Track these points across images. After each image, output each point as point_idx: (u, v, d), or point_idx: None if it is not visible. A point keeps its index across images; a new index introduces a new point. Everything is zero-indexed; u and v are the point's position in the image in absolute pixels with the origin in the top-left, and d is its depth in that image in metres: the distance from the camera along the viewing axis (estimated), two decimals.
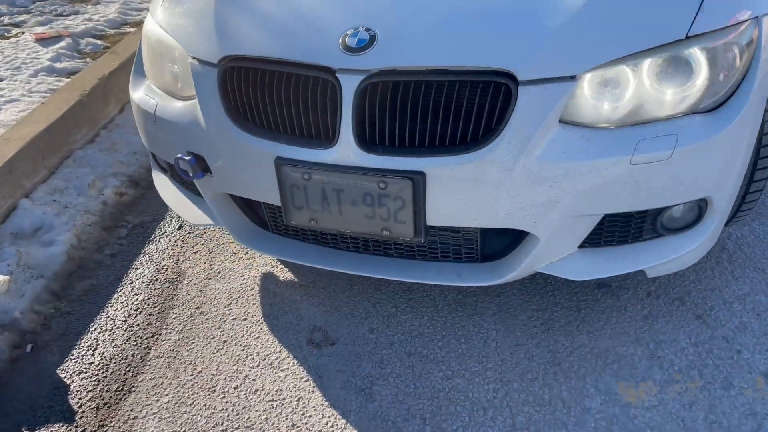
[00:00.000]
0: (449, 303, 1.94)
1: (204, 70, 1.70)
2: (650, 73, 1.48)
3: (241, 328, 1.92)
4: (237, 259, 2.21)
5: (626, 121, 1.49)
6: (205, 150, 1.74)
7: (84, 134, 2.91)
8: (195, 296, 2.05)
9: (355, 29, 1.57)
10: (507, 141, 1.46)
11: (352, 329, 1.88)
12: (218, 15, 1.77)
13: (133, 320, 1.97)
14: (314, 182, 1.60)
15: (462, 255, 1.72)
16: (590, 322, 1.84)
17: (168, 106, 1.83)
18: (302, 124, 1.60)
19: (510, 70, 1.44)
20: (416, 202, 1.54)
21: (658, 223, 1.62)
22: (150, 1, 3.34)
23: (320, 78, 1.56)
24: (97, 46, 3.86)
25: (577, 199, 1.50)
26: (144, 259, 2.25)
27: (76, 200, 2.47)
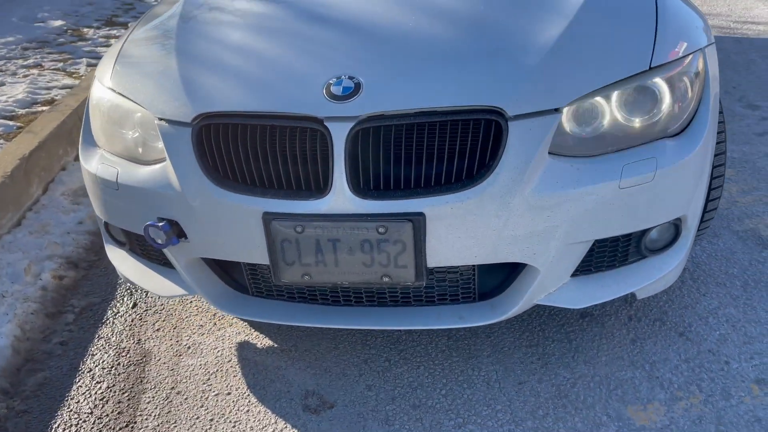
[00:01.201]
0: (442, 349, 1.90)
1: (175, 130, 1.63)
2: (622, 102, 1.57)
3: (226, 403, 1.76)
4: (206, 332, 2.06)
5: (606, 149, 1.56)
6: (180, 214, 1.64)
7: (9, 218, 2.67)
8: (167, 376, 1.88)
9: (338, 78, 1.56)
10: (502, 175, 1.48)
11: (348, 389, 1.78)
12: (183, 73, 1.71)
13: (101, 411, 1.77)
14: (307, 235, 1.54)
15: (459, 296, 1.70)
16: (584, 352, 1.86)
17: (131, 173, 1.72)
18: (290, 176, 1.55)
19: (499, 107, 1.48)
20: (417, 244, 1.51)
21: (642, 245, 1.69)
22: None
23: (307, 128, 1.53)
24: (9, 127, 3.61)
25: (572, 227, 1.54)
26: (100, 343, 2.04)
27: (11, 288, 2.23)
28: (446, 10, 1.79)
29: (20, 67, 4.98)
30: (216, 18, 1.96)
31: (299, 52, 1.69)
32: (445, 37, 1.66)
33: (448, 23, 1.72)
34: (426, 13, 1.78)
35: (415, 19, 1.75)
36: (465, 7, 1.80)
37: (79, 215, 2.78)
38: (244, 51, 1.75)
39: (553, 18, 1.71)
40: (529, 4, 1.79)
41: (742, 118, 3.38)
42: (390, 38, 1.68)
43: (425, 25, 1.72)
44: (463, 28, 1.70)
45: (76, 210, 2.85)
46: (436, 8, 1.81)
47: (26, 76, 4.67)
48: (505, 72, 1.54)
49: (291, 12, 1.91)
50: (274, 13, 1.93)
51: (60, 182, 3.08)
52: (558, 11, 1.73)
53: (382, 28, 1.73)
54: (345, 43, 1.69)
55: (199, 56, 1.77)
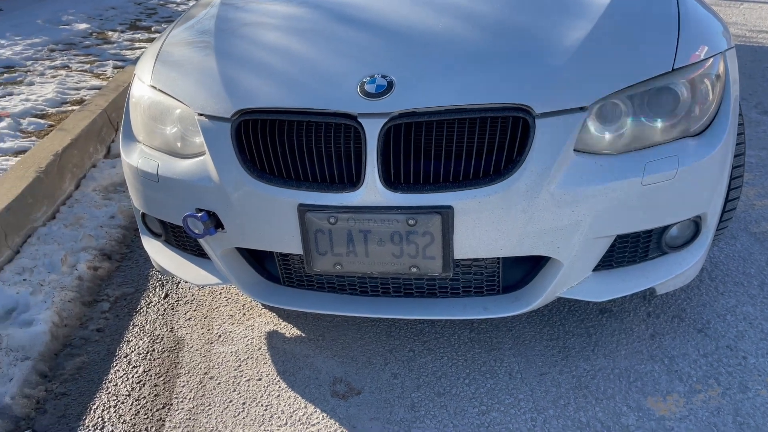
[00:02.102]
0: (465, 341, 1.96)
1: (215, 125, 1.70)
2: (645, 102, 1.63)
3: (257, 388, 1.83)
4: (236, 321, 2.13)
5: (630, 147, 1.62)
6: (218, 205, 1.71)
7: (44, 211, 2.77)
8: (200, 362, 1.95)
9: (371, 76, 1.63)
10: (529, 171, 1.54)
11: (374, 377, 1.85)
12: (223, 71, 1.79)
13: (138, 393, 1.84)
14: (340, 226, 1.61)
15: (483, 288, 1.76)
16: (603, 345, 1.91)
17: (171, 166, 1.80)
18: (324, 170, 1.62)
19: (527, 105, 1.54)
20: (445, 236, 1.58)
21: (662, 242, 1.74)
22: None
23: (342, 124, 1.60)
24: (40, 125, 3.72)
25: (595, 222, 1.59)
26: (134, 330, 2.12)
27: (48, 277, 2.32)
28: (475, 12, 1.86)
29: (48, 67, 5.10)
30: (252, 19, 2.05)
31: (333, 51, 1.76)
32: (474, 38, 1.73)
33: (476, 25, 1.79)
34: (455, 15, 1.85)
35: (445, 21, 1.82)
36: (493, 10, 1.87)
37: (110, 210, 2.87)
38: (280, 50, 1.83)
39: (578, 20, 1.77)
40: (555, 7, 1.85)
41: (758, 124, 3.41)
42: (421, 38, 1.75)
43: (455, 27, 1.79)
44: (492, 29, 1.77)
45: (107, 205, 2.94)
46: (465, 10, 1.88)
47: (54, 77, 4.79)
48: (532, 71, 1.61)
49: (324, 13, 1.99)
50: (307, 15, 2.01)
51: (91, 178, 3.18)
52: (583, 14, 1.80)
53: (413, 29, 1.80)
54: (378, 43, 1.76)
55: (237, 55, 1.85)
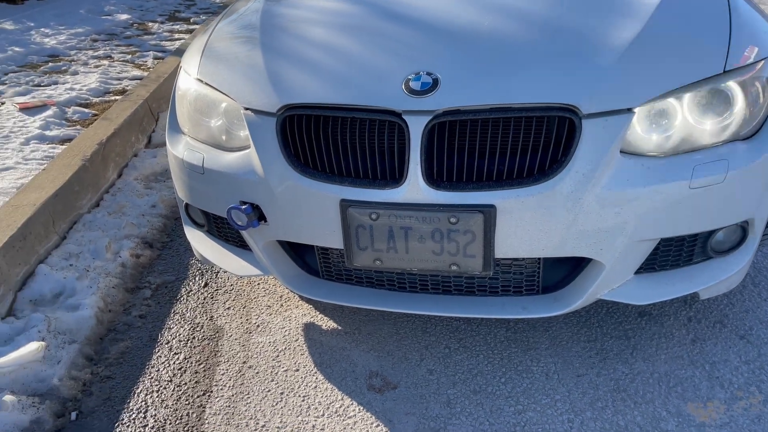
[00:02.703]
0: (501, 340, 1.96)
1: (260, 120, 1.73)
2: (694, 104, 1.61)
3: (295, 378, 1.87)
4: (273, 312, 2.17)
5: (678, 150, 1.60)
6: (262, 198, 1.74)
7: (89, 199, 2.85)
8: (239, 351, 1.99)
9: (416, 73, 1.64)
10: (574, 172, 1.53)
11: (410, 372, 1.86)
12: (269, 67, 1.81)
13: (179, 379, 1.89)
14: (381, 222, 1.62)
15: (523, 288, 1.75)
16: (642, 349, 1.89)
17: (216, 158, 1.83)
18: (367, 166, 1.64)
19: (574, 105, 1.53)
20: (486, 235, 1.58)
21: (708, 246, 1.71)
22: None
23: (386, 121, 1.61)
24: (84, 114, 3.82)
25: (640, 224, 1.58)
26: (175, 318, 2.17)
27: (93, 264, 2.39)
28: (523, 10, 1.85)
29: (91, 57, 5.22)
30: (297, 14, 2.07)
31: (379, 48, 1.77)
32: (521, 37, 1.72)
33: (524, 23, 1.78)
34: (502, 13, 1.84)
35: (492, 19, 1.81)
36: (542, 9, 1.85)
37: (152, 199, 2.94)
38: (325, 46, 1.85)
39: (628, 20, 1.75)
40: (605, 6, 1.83)
41: None
42: (467, 36, 1.74)
43: (501, 25, 1.78)
44: (539, 28, 1.75)
45: (148, 194, 3.01)
46: (512, 9, 1.86)
47: (97, 67, 4.90)
48: (580, 71, 1.59)
49: (369, 9, 2.00)
50: (352, 11, 2.02)
51: (133, 168, 3.25)
52: (633, 14, 1.77)
53: (459, 27, 1.80)
54: (423, 39, 1.77)
55: (283, 50, 1.87)
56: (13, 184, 2.87)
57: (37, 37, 5.79)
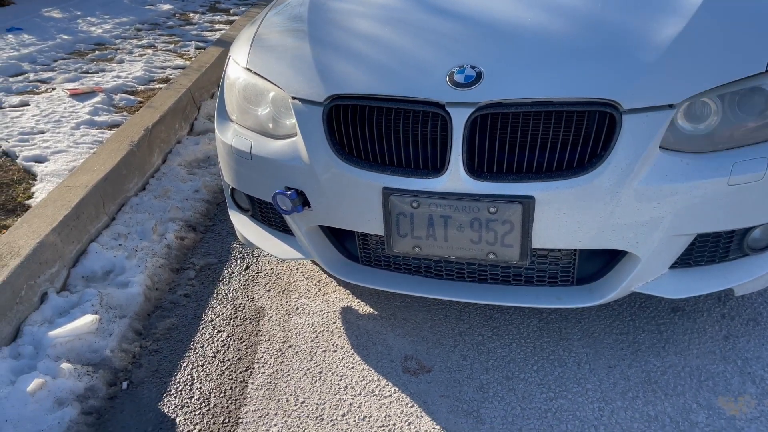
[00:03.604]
0: (534, 330, 2.00)
1: (308, 109, 1.80)
2: (735, 102, 1.62)
3: (333, 359, 1.94)
4: (312, 296, 2.24)
5: (717, 147, 1.62)
6: (307, 184, 1.81)
7: (135, 182, 2.96)
8: (279, 331, 2.07)
9: (460, 66, 1.69)
10: (613, 166, 1.56)
11: (444, 357, 1.92)
12: (317, 58, 1.88)
13: (223, 356, 1.98)
14: (422, 210, 1.67)
15: (558, 279, 1.79)
16: (675, 343, 1.92)
17: (264, 145, 1.91)
18: (409, 156, 1.69)
19: (615, 100, 1.56)
20: (525, 226, 1.62)
21: (744, 243, 1.73)
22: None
23: (429, 112, 1.66)
24: (131, 101, 3.95)
25: (677, 219, 1.61)
26: (218, 298, 2.27)
27: (141, 244, 2.50)
28: (565, 6, 1.88)
29: (135, 46, 5.37)
30: (343, 7, 2.13)
31: (423, 40, 1.82)
32: (564, 32, 1.75)
33: (566, 19, 1.81)
34: (545, 8, 1.88)
35: (535, 14, 1.85)
36: (585, 4, 1.88)
37: (195, 184, 3.04)
38: (371, 38, 1.90)
39: (671, 17, 1.76)
40: (648, 3, 1.85)
41: None
42: (510, 31, 1.79)
43: (544, 20, 1.81)
44: (582, 23, 1.78)
45: (191, 179, 3.11)
46: (555, 4, 1.90)
47: (142, 56, 5.04)
48: (622, 67, 1.62)
49: (413, 3, 2.05)
50: (397, 3, 2.07)
51: (177, 153, 3.36)
52: (676, 11, 1.79)
53: (502, 21, 1.84)
54: (467, 33, 1.81)
55: (330, 42, 1.93)
56: (65, 166, 3.00)
57: (84, 26, 5.97)
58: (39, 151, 3.14)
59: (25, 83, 4.24)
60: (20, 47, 5.08)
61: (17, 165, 3.03)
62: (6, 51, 4.95)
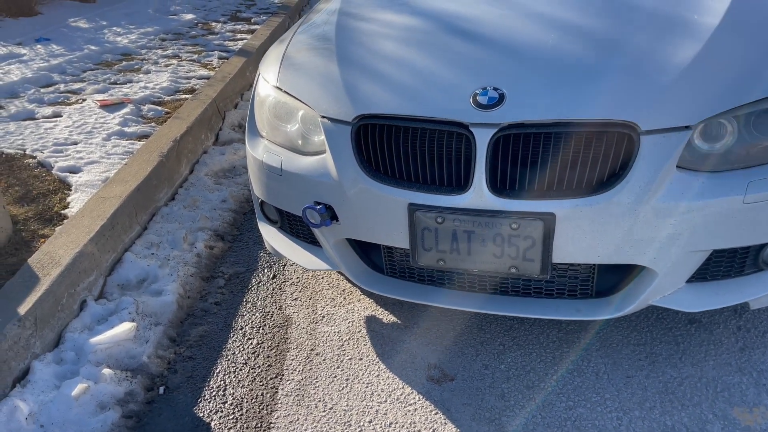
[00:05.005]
0: (553, 340, 2.07)
1: (336, 128, 1.88)
2: (751, 123, 1.68)
3: (359, 366, 2.02)
4: (337, 305, 2.32)
5: (734, 166, 1.68)
6: (335, 200, 1.89)
7: (165, 192, 3.07)
8: (306, 339, 2.16)
9: (483, 88, 1.76)
10: (632, 184, 1.63)
11: (466, 366, 1.99)
12: (345, 78, 1.96)
13: (254, 362, 2.07)
14: (446, 226, 1.75)
15: (577, 291, 1.86)
16: (691, 355, 1.97)
17: (294, 161, 1.99)
18: (434, 173, 1.77)
19: (633, 122, 1.63)
20: (545, 241, 1.69)
21: (760, 258, 1.78)
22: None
23: (454, 132, 1.74)
24: (158, 112, 4.06)
25: (693, 236, 1.66)
26: (248, 306, 2.36)
27: (172, 253, 2.60)
28: (585, 28, 1.95)
29: (161, 56, 5.50)
30: (369, 28, 2.21)
31: (448, 62, 1.90)
32: (584, 54, 1.82)
33: (586, 41, 1.88)
34: (565, 30, 1.94)
35: (555, 37, 1.92)
36: (603, 27, 1.95)
37: (222, 194, 3.14)
38: (397, 59, 1.98)
39: (688, 39, 1.83)
40: (666, 25, 1.91)
41: None
42: (532, 52, 1.86)
43: (564, 42, 1.88)
44: (601, 45, 1.85)
45: (219, 189, 3.21)
46: (575, 27, 1.96)
47: (167, 66, 5.17)
48: (640, 89, 1.68)
49: (438, 24, 2.13)
50: (421, 26, 2.15)
51: (203, 164, 3.47)
52: (694, 33, 1.85)
53: (524, 43, 1.91)
54: (490, 55, 1.88)
55: (358, 63, 2.01)
56: (99, 176, 3.11)
57: (110, 36, 6.12)
58: (73, 161, 3.26)
59: (57, 94, 4.38)
60: (50, 58, 5.23)
61: (52, 175, 3.15)
62: (36, 62, 5.11)
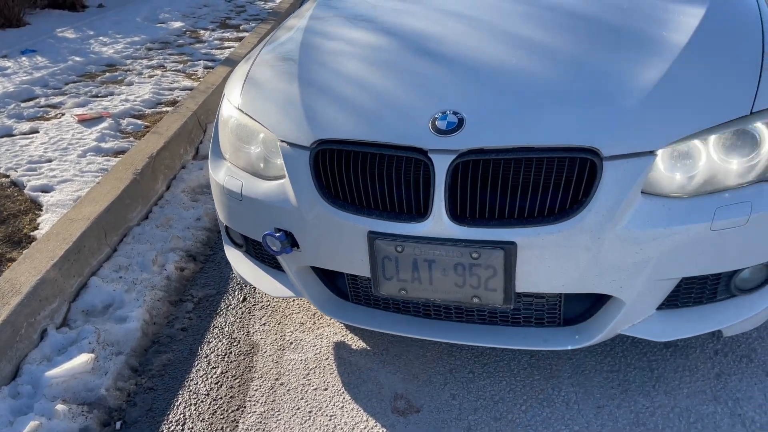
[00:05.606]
0: (524, 367, 2.00)
1: (295, 152, 1.82)
2: (719, 146, 1.62)
3: (323, 397, 1.96)
4: (306, 329, 2.27)
5: (701, 191, 1.61)
6: (295, 226, 1.84)
7: (139, 211, 3.01)
8: (272, 368, 2.10)
9: (443, 113, 1.70)
10: (594, 212, 1.57)
11: (433, 396, 1.93)
12: (305, 101, 1.90)
13: (216, 393, 2.01)
14: (406, 254, 1.69)
15: (544, 320, 1.80)
16: (665, 382, 1.91)
17: (254, 186, 1.94)
18: (394, 200, 1.71)
19: (595, 147, 1.57)
20: (507, 271, 1.63)
21: (731, 285, 1.72)
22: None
23: (413, 158, 1.68)
24: (137, 126, 4.01)
25: (660, 264, 1.60)
26: (215, 332, 2.30)
27: (141, 276, 2.54)
28: (550, 48, 1.89)
29: (145, 67, 5.45)
30: (334, 47, 2.15)
31: (409, 86, 1.84)
32: (546, 77, 1.76)
33: (549, 63, 1.82)
34: (530, 52, 1.88)
35: (518, 58, 1.86)
36: (568, 47, 1.88)
37: (197, 212, 3.08)
38: (358, 82, 1.92)
39: (655, 59, 1.76)
40: (632, 45, 1.85)
41: None
42: (494, 75, 1.80)
43: (528, 64, 1.82)
44: (565, 68, 1.79)
45: (194, 207, 3.16)
46: (541, 47, 1.90)
47: (151, 77, 5.12)
48: (602, 113, 1.62)
49: (404, 44, 2.07)
50: (387, 45, 2.09)
51: (181, 180, 3.41)
52: (660, 53, 1.79)
53: (487, 64, 1.85)
54: (451, 78, 1.83)
55: (319, 85, 1.96)
56: (71, 196, 3.06)
57: (96, 46, 6.07)
58: (46, 180, 3.21)
59: (36, 108, 4.33)
60: (33, 70, 5.19)
61: (24, 195, 3.10)
62: (19, 75, 5.06)
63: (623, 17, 2.03)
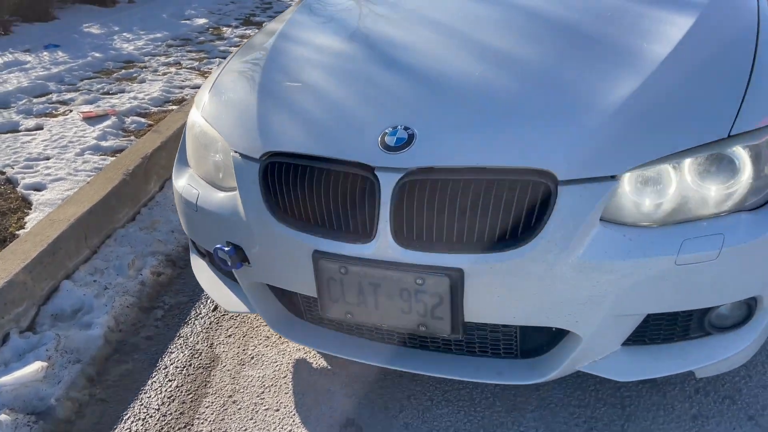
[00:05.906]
0: (487, 396, 1.89)
1: (246, 164, 1.75)
2: (693, 171, 1.47)
3: (273, 419, 1.88)
4: (270, 344, 2.19)
5: (669, 220, 1.47)
6: (245, 241, 1.76)
7: (126, 212, 2.99)
8: (228, 383, 2.04)
9: (393, 127, 1.60)
10: (547, 239, 1.44)
11: (386, 424, 1.83)
12: (261, 111, 1.83)
13: (166, 408, 1.95)
14: (351, 276, 1.60)
15: (501, 351, 1.68)
16: (636, 422, 1.76)
17: (209, 197, 1.87)
18: (340, 219, 1.61)
19: (550, 170, 1.44)
20: (454, 299, 1.52)
21: (705, 322, 1.57)
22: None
23: (359, 175, 1.58)
24: (141, 124, 4.01)
25: (619, 299, 1.47)
26: (179, 342, 2.25)
27: (115, 281, 2.51)
28: (519, 62, 1.76)
29: (161, 64, 5.47)
30: (301, 55, 2.07)
31: (364, 97, 1.74)
32: (507, 93, 1.63)
33: (513, 78, 1.69)
34: (496, 64, 1.76)
35: (484, 70, 1.73)
36: (537, 58, 1.75)
37: None
38: (315, 92, 1.83)
39: (629, 73, 1.62)
40: (608, 56, 1.71)
41: None
42: (452, 90, 1.68)
43: (491, 78, 1.70)
44: (530, 81, 1.66)
45: None
46: (508, 60, 1.78)
47: (165, 74, 5.13)
48: (561, 134, 1.49)
49: (370, 54, 1.96)
50: (354, 55, 1.99)
51: None
52: (636, 66, 1.64)
53: (448, 78, 1.73)
54: (408, 91, 1.72)
55: (278, 94, 1.87)
56: (60, 195, 3.06)
57: (118, 43, 6.14)
58: (40, 178, 3.22)
59: (46, 105, 4.38)
60: (51, 65, 5.26)
61: (17, 193, 3.11)
62: (37, 70, 5.14)
63: (604, 26, 1.89)
